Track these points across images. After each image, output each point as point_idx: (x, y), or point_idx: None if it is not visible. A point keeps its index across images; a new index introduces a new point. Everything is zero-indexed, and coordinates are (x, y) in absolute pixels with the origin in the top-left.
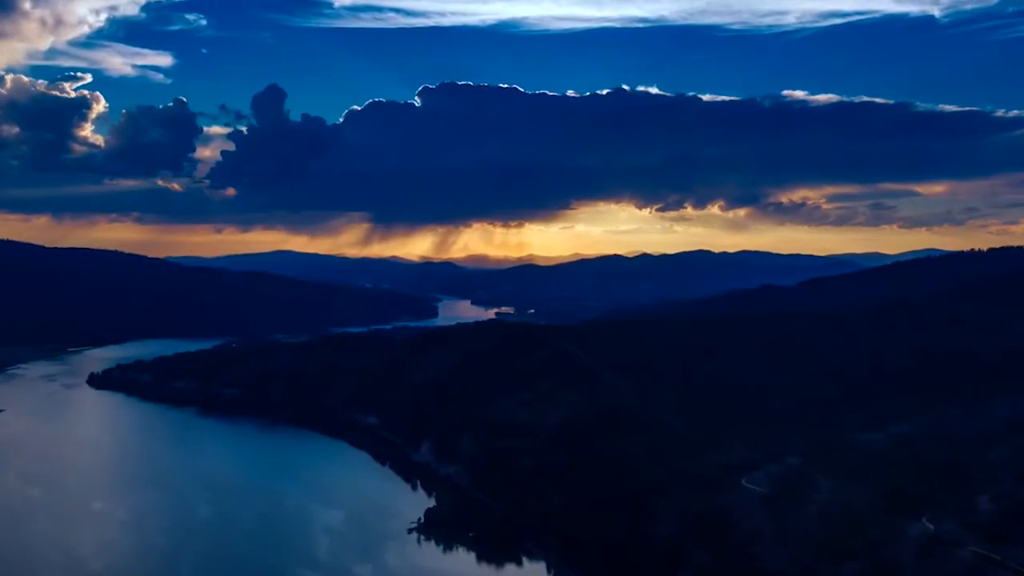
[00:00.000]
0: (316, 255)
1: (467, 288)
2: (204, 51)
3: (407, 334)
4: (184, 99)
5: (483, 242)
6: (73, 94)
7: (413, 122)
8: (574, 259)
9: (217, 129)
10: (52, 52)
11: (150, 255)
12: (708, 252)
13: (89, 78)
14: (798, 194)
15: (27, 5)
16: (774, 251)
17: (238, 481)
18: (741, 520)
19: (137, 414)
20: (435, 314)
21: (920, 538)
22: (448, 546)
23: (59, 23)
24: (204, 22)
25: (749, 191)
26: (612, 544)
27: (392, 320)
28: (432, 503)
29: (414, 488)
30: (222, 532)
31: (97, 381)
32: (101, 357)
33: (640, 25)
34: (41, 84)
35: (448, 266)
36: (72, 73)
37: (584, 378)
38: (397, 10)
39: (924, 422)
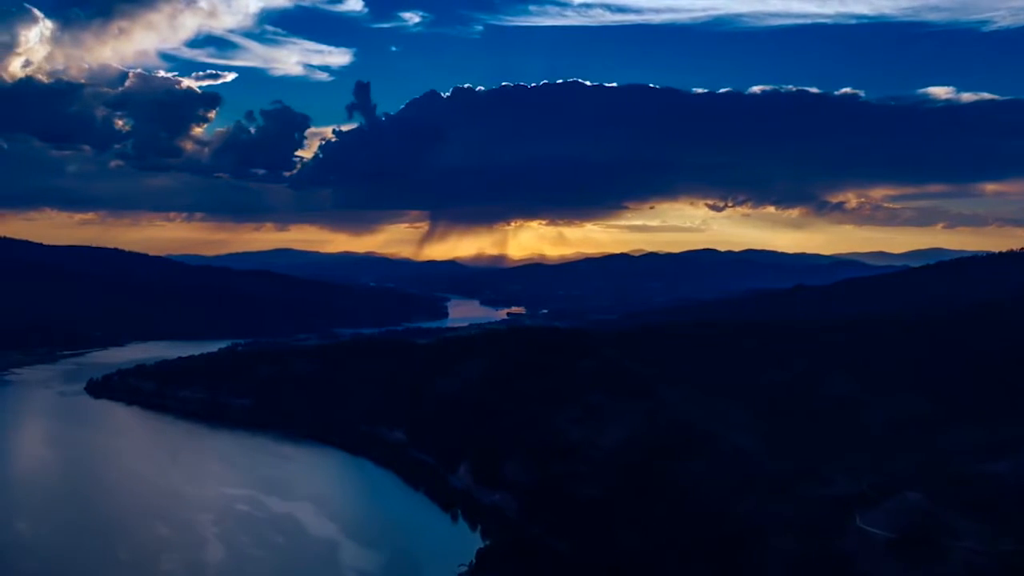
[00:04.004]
0: (317, 253)
1: (473, 287)
2: (393, 48)
3: (426, 337)
4: (281, 101)
5: (542, 240)
6: (199, 91)
7: (521, 118)
8: (579, 258)
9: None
10: (221, 44)
11: (174, 255)
12: (714, 251)
13: (230, 76)
14: (851, 193)
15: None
16: (782, 251)
17: (254, 509)
18: (870, 573)
19: (140, 427)
20: (446, 314)
21: None
22: None
23: (221, 15)
24: (418, 18)
25: (804, 190)
26: None
27: (403, 321)
28: (480, 540)
29: (455, 520)
30: None
31: (96, 388)
32: (100, 361)
33: (853, 22)
34: (164, 78)
35: (452, 265)
36: (212, 71)
37: (639, 391)
38: (606, 6)
39: None
